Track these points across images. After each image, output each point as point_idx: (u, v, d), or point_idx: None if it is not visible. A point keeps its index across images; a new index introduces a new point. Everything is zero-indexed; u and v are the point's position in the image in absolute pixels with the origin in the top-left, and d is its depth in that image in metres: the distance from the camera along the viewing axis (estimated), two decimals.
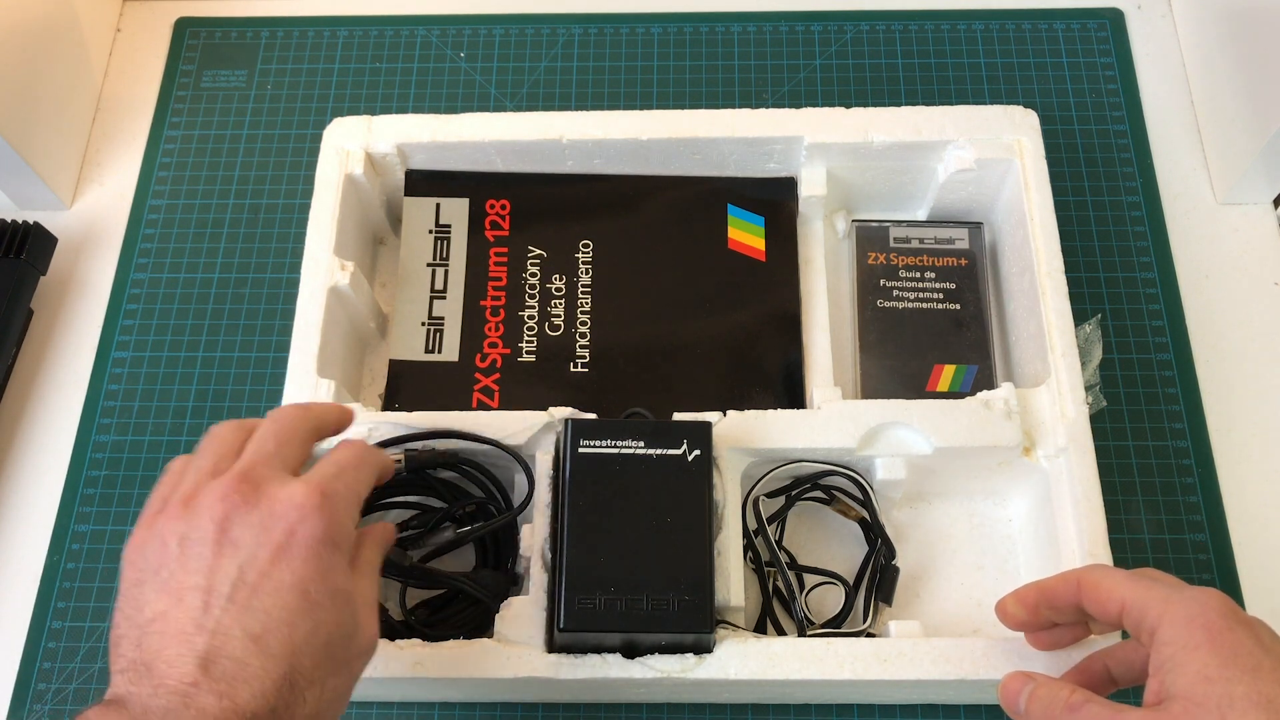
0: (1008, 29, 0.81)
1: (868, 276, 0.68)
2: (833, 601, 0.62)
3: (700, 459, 0.55)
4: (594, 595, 0.52)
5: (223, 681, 0.40)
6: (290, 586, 0.42)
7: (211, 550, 0.43)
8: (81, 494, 0.68)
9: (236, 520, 0.43)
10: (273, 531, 0.43)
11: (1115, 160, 0.76)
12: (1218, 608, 0.42)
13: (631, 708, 0.61)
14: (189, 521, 0.44)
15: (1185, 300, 0.71)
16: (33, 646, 0.64)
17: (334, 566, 0.44)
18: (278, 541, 0.43)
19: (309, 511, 0.44)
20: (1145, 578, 0.46)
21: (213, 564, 0.42)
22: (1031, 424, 0.60)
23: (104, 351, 0.72)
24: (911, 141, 0.66)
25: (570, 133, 0.67)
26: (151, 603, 0.42)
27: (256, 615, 0.42)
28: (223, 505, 0.44)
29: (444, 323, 0.67)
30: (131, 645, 0.42)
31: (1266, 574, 0.64)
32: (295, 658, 0.41)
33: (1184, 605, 0.43)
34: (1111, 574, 0.47)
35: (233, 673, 0.40)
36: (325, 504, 0.44)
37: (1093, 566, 0.49)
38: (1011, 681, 0.48)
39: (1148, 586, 0.44)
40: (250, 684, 0.40)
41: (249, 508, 0.44)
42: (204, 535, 0.43)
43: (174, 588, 0.42)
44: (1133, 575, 0.46)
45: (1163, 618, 0.43)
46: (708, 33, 0.82)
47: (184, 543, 0.43)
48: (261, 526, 0.43)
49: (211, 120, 0.79)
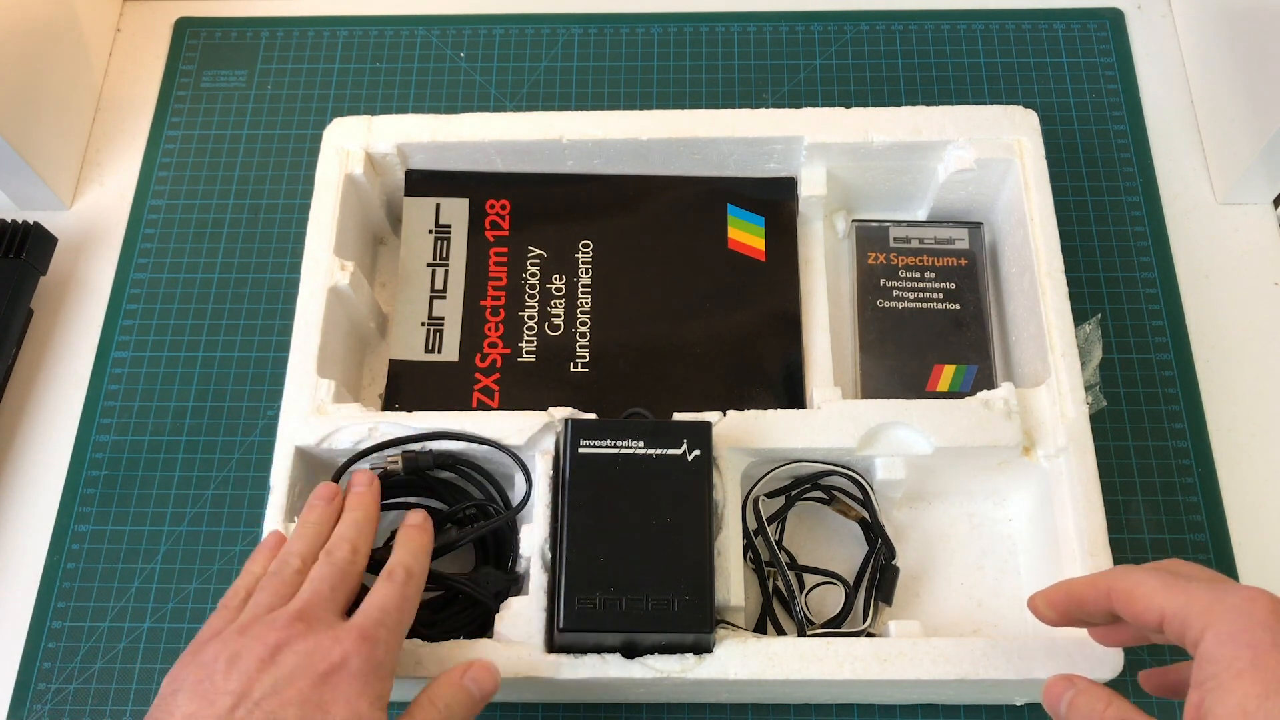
0: (1008, 29, 0.81)
1: (868, 276, 0.68)
2: (833, 601, 0.62)
3: (700, 459, 0.55)
4: (594, 595, 0.52)
5: None
6: (316, 704, 0.45)
7: (257, 667, 0.46)
8: (81, 494, 0.68)
9: (287, 649, 0.47)
10: (318, 662, 0.46)
11: (1115, 160, 0.76)
12: (1263, 620, 0.40)
13: (631, 708, 0.61)
14: (240, 643, 0.47)
15: (1185, 300, 0.71)
16: (33, 646, 0.64)
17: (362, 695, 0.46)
18: (322, 671, 0.46)
19: (354, 650, 0.47)
20: (1181, 578, 0.43)
21: (255, 677, 0.46)
22: (1031, 424, 0.60)
23: (104, 351, 0.72)
24: (911, 141, 0.66)
25: (570, 133, 0.67)
26: (183, 706, 0.45)
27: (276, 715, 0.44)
28: (277, 634, 0.47)
29: (444, 323, 0.67)
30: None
31: (1266, 574, 0.64)
32: None
33: (1229, 618, 0.40)
34: (1145, 581, 0.44)
35: None
36: (367, 644, 0.48)
37: (1123, 573, 0.45)
38: (1055, 685, 0.46)
39: (1186, 592, 0.42)
40: None
41: (301, 639, 0.47)
42: (252, 654, 0.46)
43: (209, 693, 0.45)
44: (1168, 579, 0.43)
45: (1207, 631, 0.40)
46: (708, 33, 0.82)
47: (232, 660, 0.46)
48: (309, 654, 0.47)
49: (211, 120, 0.79)
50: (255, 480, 0.67)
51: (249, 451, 0.69)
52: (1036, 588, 0.60)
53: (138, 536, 0.66)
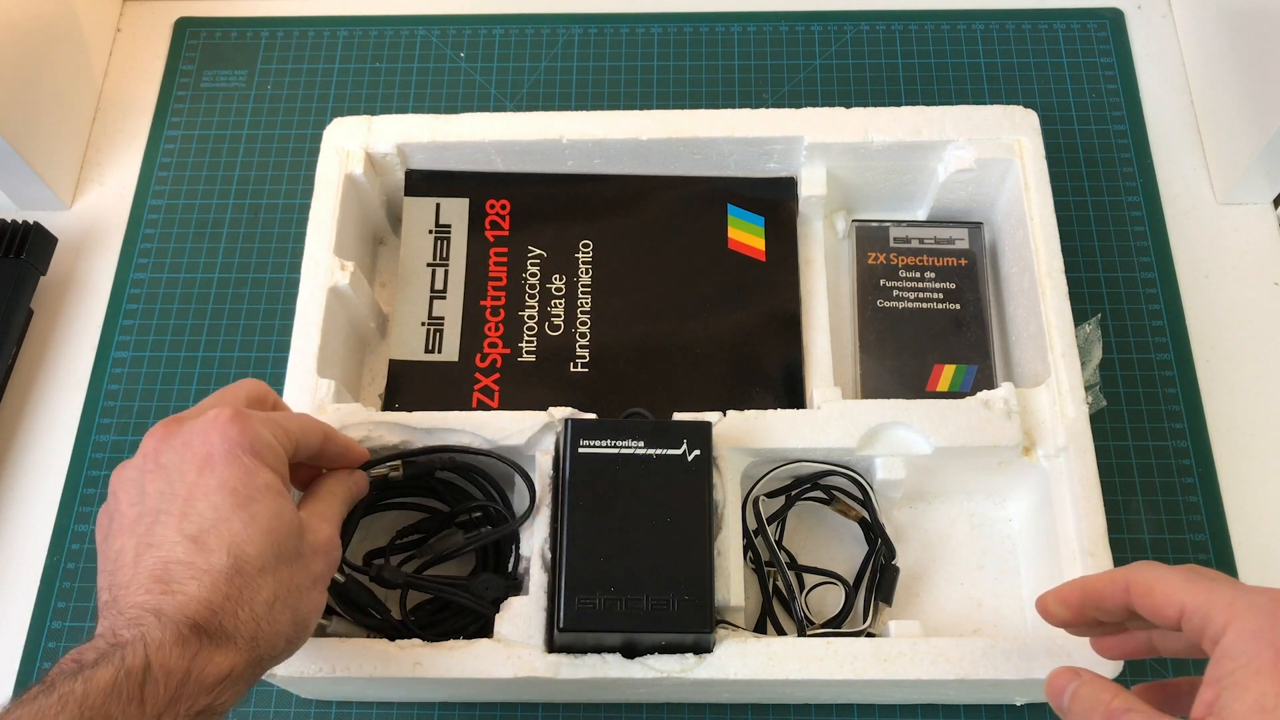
0: (1008, 29, 0.81)
1: (868, 276, 0.68)
2: (833, 601, 0.62)
3: (700, 459, 0.55)
4: (594, 595, 0.52)
5: (173, 583, 0.43)
6: (217, 488, 0.45)
7: (148, 480, 0.46)
8: (81, 494, 0.68)
9: (163, 448, 0.47)
10: (194, 448, 0.46)
11: (1115, 160, 0.76)
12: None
13: (631, 708, 0.61)
14: (127, 470, 0.47)
15: (1185, 300, 0.71)
16: (33, 646, 0.64)
17: (257, 469, 0.46)
18: (200, 454, 0.46)
19: (224, 424, 0.47)
20: (1203, 577, 0.42)
21: (149, 490, 0.46)
22: (1031, 424, 0.60)
23: (104, 351, 0.72)
24: (911, 141, 0.66)
25: (570, 133, 0.67)
26: (112, 545, 0.46)
27: (192, 520, 0.44)
28: (151, 440, 0.47)
29: (444, 323, 0.67)
30: (105, 590, 0.45)
31: (1267, 574, 0.64)
32: (236, 547, 0.44)
33: (1252, 615, 0.39)
34: (1165, 575, 0.43)
35: (180, 574, 0.43)
36: (238, 418, 0.47)
37: (1141, 566, 0.45)
38: (1058, 677, 0.46)
39: (1209, 588, 0.41)
40: (198, 579, 0.43)
41: (171, 435, 0.47)
42: (139, 471, 0.47)
43: (125, 524, 0.46)
44: (1190, 575, 0.42)
45: (1228, 627, 0.40)
46: (708, 33, 0.82)
47: (125, 484, 0.47)
48: (185, 446, 0.47)
49: (211, 120, 0.79)
50: None
51: None
52: (1036, 588, 0.60)
53: None
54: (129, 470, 0.47)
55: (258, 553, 0.44)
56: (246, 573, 0.44)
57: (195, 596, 0.43)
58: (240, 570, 0.44)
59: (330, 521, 0.50)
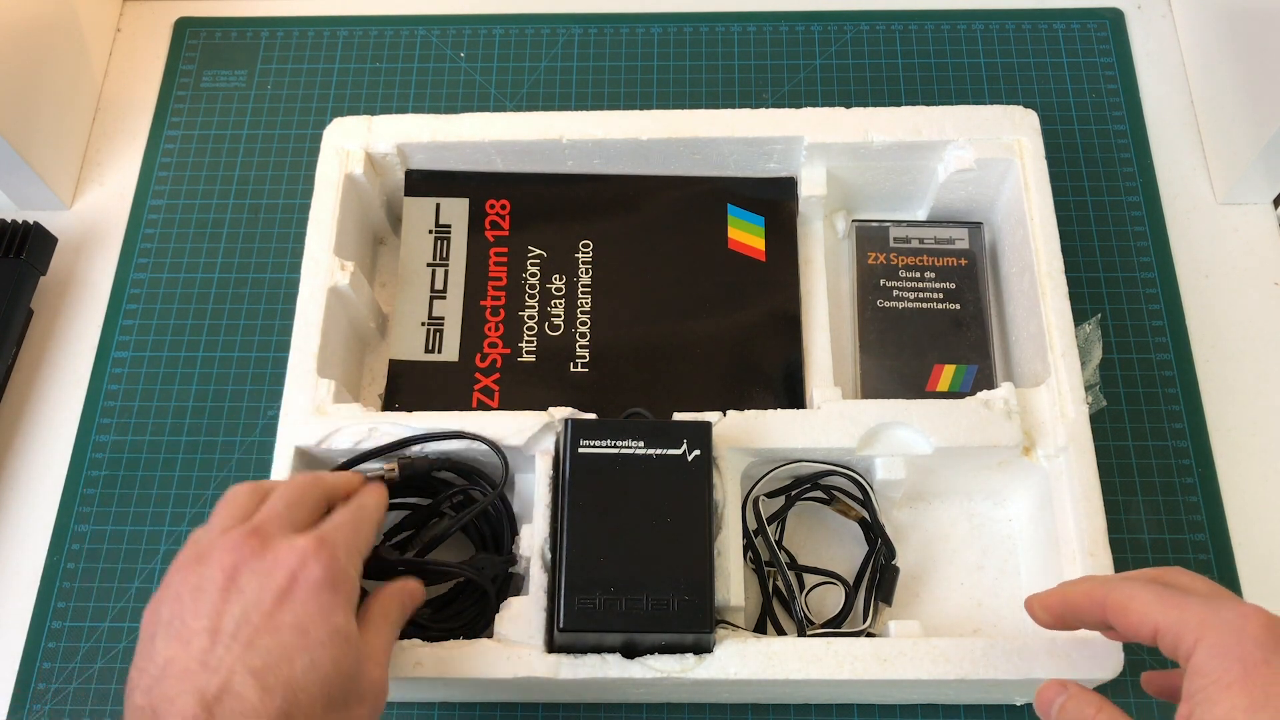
0: (1008, 29, 0.81)
1: (868, 276, 0.68)
2: (833, 601, 0.62)
3: (700, 459, 0.55)
4: (594, 595, 0.52)
5: (222, 716, 0.42)
6: (290, 625, 0.45)
7: (220, 596, 0.45)
8: (81, 494, 0.68)
9: (244, 569, 0.46)
10: (276, 577, 0.46)
11: (1115, 160, 0.76)
12: (1255, 635, 0.40)
13: (631, 708, 0.61)
14: (200, 573, 0.46)
15: (1185, 300, 0.71)
16: (33, 646, 0.64)
17: (333, 608, 0.46)
18: (281, 585, 0.46)
19: (309, 557, 0.46)
20: (1176, 592, 0.43)
21: (220, 608, 0.45)
22: (1031, 424, 0.60)
23: (104, 351, 0.72)
24: (911, 141, 0.66)
25: (570, 133, 0.67)
26: (162, 651, 0.44)
27: (258, 652, 0.44)
28: (232, 555, 0.46)
29: (444, 323, 0.67)
30: (142, 693, 0.44)
31: (1266, 574, 0.64)
32: (292, 693, 0.44)
33: (1221, 632, 0.41)
34: (1140, 594, 0.44)
35: (232, 708, 0.42)
36: (324, 550, 0.47)
37: (1118, 583, 0.46)
38: (1047, 690, 0.47)
39: (1180, 606, 0.42)
40: (248, 717, 0.42)
41: (256, 558, 0.46)
42: (213, 583, 0.46)
43: (183, 633, 0.45)
44: (1162, 593, 0.43)
45: (1199, 644, 0.41)
46: (708, 33, 0.82)
47: (195, 592, 0.46)
48: (266, 573, 0.46)
49: (211, 120, 0.79)
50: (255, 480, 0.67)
51: (249, 451, 0.69)
52: (1036, 588, 0.60)
53: (138, 536, 0.66)
54: (195, 576, 0.46)
55: (309, 700, 0.44)
56: (294, 718, 0.43)
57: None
58: (289, 715, 0.43)
59: (381, 664, 0.49)
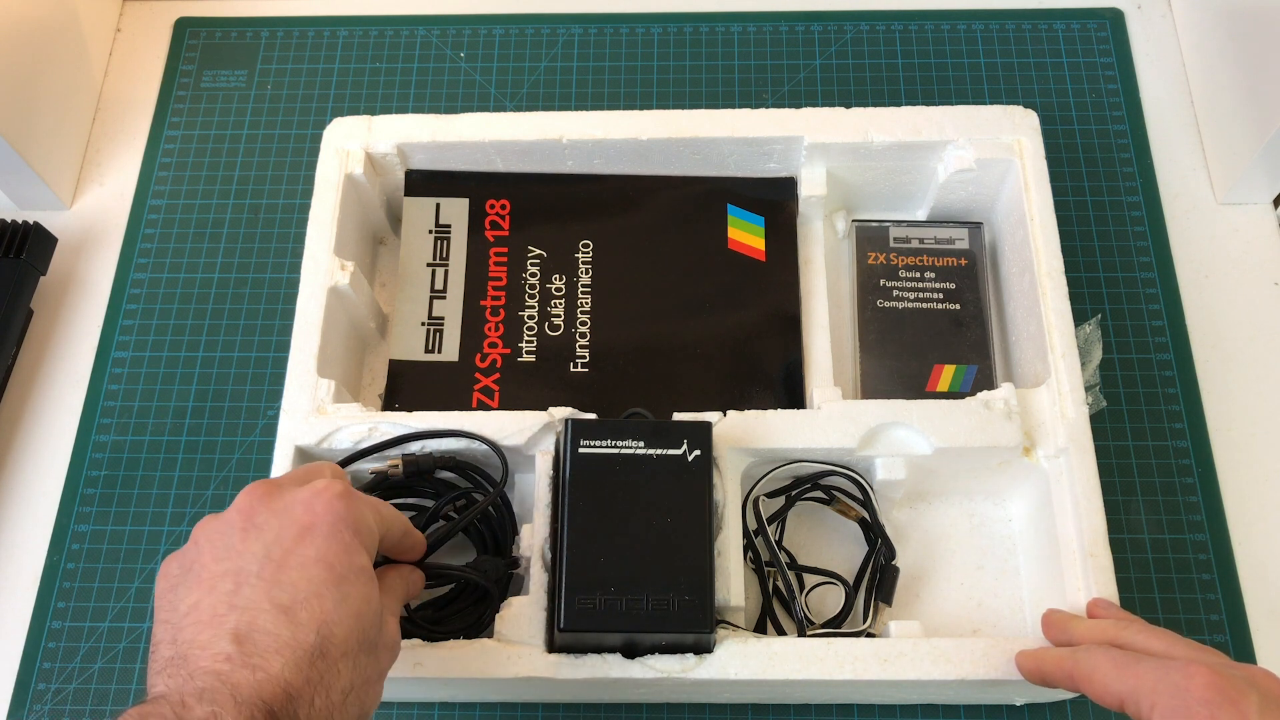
0: (1008, 29, 0.81)
1: (868, 276, 0.68)
2: (833, 601, 0.62)
3: (700, 459, 0.55)
4: (594, 595, 0.52)
5: (255, 655, 0.40)
6: (315, 560, 0.43)
7: (239, 538, 0.44)
8: (81, 494, 0.68)
9: (261, 509, 0.45)
10: (296, 512, 0.45)
11: (1115, 160, 0.76)
12: (1200, 695, 0.43)
13: (631, 708, 0.61)
14: (222, 522, 0.45)
15: (1185, 300, 0.71)
16: (33, 646, 0.64)
17: (355, 548, 0.45)
18: (302, 522, 0.44)
19: (332, 498, 0.45)
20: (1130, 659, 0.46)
21: (240, 549, 0.44)
22: (1031, 424, 0.60)
23: (104, 351, 0.72)
24: (911, 141, 0.66)
25: (570, 133, 0.67)
26: (185, 599, 0.43)
27: (284, 588, 0.42)
28: (248, 499, 0.46)
29: (444, 323, 0.67)
30: (168, 644, 0.42)
31: (1266, 574, 0.64)
32: (325, 627, 0.42)
33: (1169, 695, 0.44)
34: (1101, 666, 0.47)
35: (265, 645, 0.41)
36: (347, 495, 0.46)
37: (1084, 655, 0.49)
38: None
39: (1135, 675, 0.45)
40: (282, 654, 0.40)
41: (272, 498, 0.45)
42: (231, 526, 0.45)
43: (206, 579, 0.43)
44: (1120, 662, 0.47)
45: (1154, 710, 0.44)
46: (708, 33, 0.82)
47: (212, 538, 0.44)
48: (285, 511, 0.45)
49: (211, 120, 0.79)
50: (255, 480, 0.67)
51: (249, 451, 0.69)
52: (1036, 588, 0.60)
53: (138, 536, 0.66)
54: (217, 523, 0.45)
55: (344, 635, 0.42)
56: (330, 655, 0.42)
57: (276, 676, 0.40)
58: (325, 652, 0.41)
59: (396, 617, 0.48)
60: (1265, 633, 0.62)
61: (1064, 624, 0.53)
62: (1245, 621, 0.63)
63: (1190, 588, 0.63)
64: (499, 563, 0.58)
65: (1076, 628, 0.52)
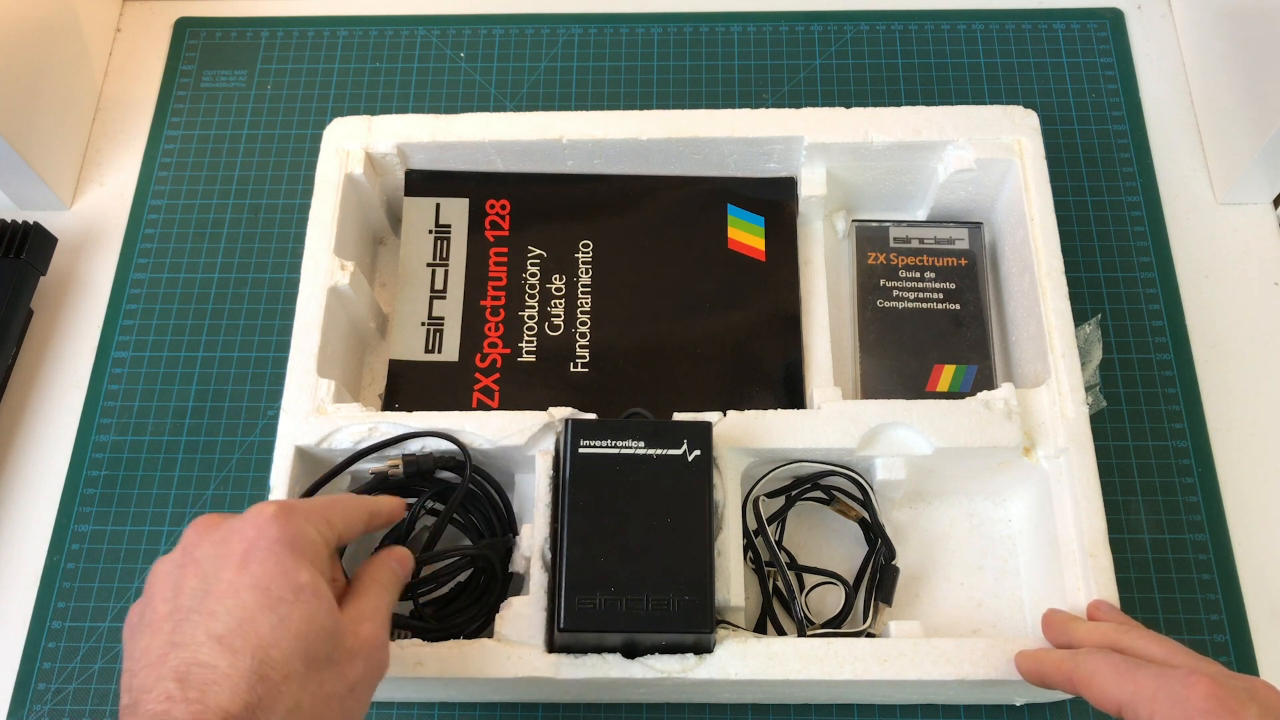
0: (1008, 29, 0.81)
1: (868, 276, 0.68)
2: (833, 601, 0.62)
3: (700, 459, 0.55)
4: (594, 595, 0.52)
5: (194, 689, 0.40)
6: (249, 586, 0.43)
7: (179, 573, 0.45)
8: (81, 494, 0.68)
9: (201, 542, 0.45)
10: (233, 544, 0.45)
11: (1115, 160, 0.76)
12: (1199, 705, 0.43)
13: (631, 708, 0.61)
14: (164, 564, 0.46)
15: (1185, 300, 0.71)
16: (33, 646, 0.64)
17: (296, 567, 0.45)
18: (239, 551, 0.45)
19: (266, 521, 0.45)
20: (1130, 664, 0.46)
21: (181, 586, 0.44)
22: (1031, 424, 0.60)
23: (104, 351, 0.72)
24: (911, 141, 0.66)
25: (570, 133, 0.67)
26: (138, 644, 0.43)
27: (219, 619, 0.42)
28: (191, 533, 0.46)
29: (444, 323, 0.67)
30: (125, 691, 0.43)
31: (1266, 574, 0.64)
32: (261, 651, 0.42)
33: (1169, 704, 0.44)
34: (1100, 670, 0.47)
35: (203, 679, 0.41)
36: (282, 513, 0.46)
37: (1084, 658, 0.49)
38: None
39: (1135, 681, 0.46)
40: (220, 685, 0.41)
41: (212, 529, 0.46)
42: (175, 565, 0.45)
43: (153, 621, 0.44)
44: (1120, 667, 0.47)
45: (1154, 717, 0.44)
46: (708, 33, 0.82)
47: (160, 580, 0.45)
48: (222, 542, 0.45)
49: (211, 120, 0.79)
50: (255, 480, 0.67)
51: (249, 451, 0.69)
52: (1036, 588, 0.60)
53: (138, 536, 0.66)
54: (165, 564, 0.45)
55: (284, 658, 0.42)
56: (270, 679, 0.41)
57: (212, 707, 0.40)
58: (264, 676, 0.41)
59: (373, 619, 0.47)
60: (1265, 633, 0.62)
61: (1064, 625, 0.53)
62: (1245, 621, 0.63)
63: (1190, 588, 0.63)
64: (496, 541, 0.58)
65: (1077, 630, 0.52)
